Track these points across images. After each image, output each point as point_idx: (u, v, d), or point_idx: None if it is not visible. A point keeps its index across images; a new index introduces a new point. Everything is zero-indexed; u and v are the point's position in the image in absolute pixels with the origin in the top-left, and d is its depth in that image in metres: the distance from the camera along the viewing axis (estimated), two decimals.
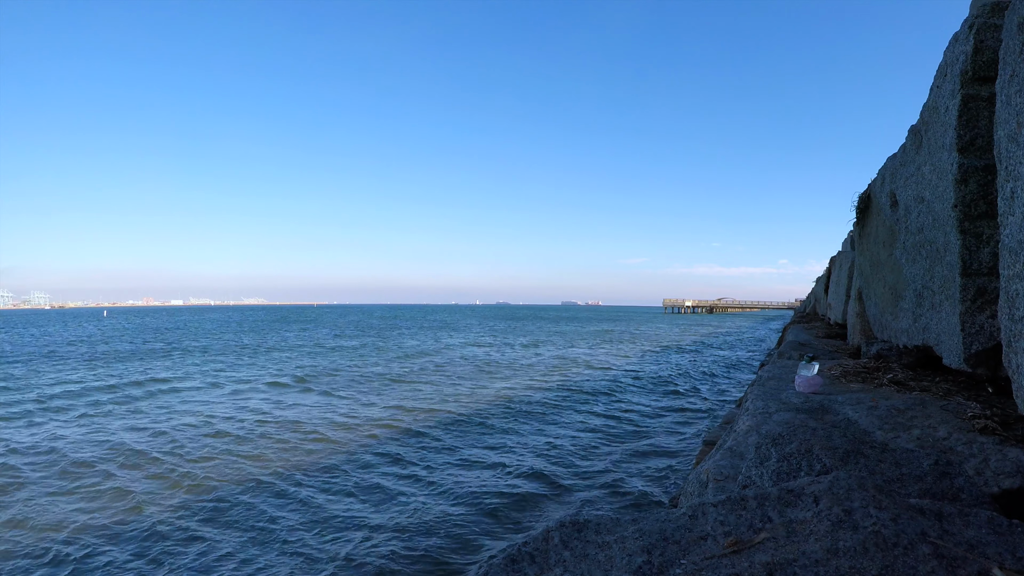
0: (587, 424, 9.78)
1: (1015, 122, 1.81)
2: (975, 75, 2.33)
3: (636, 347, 27.52)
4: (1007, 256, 1.88)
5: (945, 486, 1.42)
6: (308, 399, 12.44)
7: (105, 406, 11.50)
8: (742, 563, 0.97)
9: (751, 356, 22.07)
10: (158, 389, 13.74)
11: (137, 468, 7.28)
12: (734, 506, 1.19)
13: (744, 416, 2.68)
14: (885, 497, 1.13)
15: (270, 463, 7.45)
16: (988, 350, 2.37)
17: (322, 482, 6.66)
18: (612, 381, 15.00)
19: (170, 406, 11.55)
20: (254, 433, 9.13)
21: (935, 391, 2.67)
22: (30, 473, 7.11)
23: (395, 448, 8.14)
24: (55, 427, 9.61)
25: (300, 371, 17.32)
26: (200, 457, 7.74)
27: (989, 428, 1.92)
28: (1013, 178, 1.83)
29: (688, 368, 18.12)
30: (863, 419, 2.18)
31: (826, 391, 2.90)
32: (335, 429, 9.38)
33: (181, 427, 9.55)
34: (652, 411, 10.96)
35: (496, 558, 1.15)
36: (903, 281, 3.54)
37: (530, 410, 11.00)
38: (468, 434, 9.05)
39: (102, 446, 8.30)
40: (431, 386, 14.14)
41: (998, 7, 2.24)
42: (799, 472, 1.60)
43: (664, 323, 61.22)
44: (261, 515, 5.66)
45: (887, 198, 3.92)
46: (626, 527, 1.19)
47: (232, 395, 12.97)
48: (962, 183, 2.41)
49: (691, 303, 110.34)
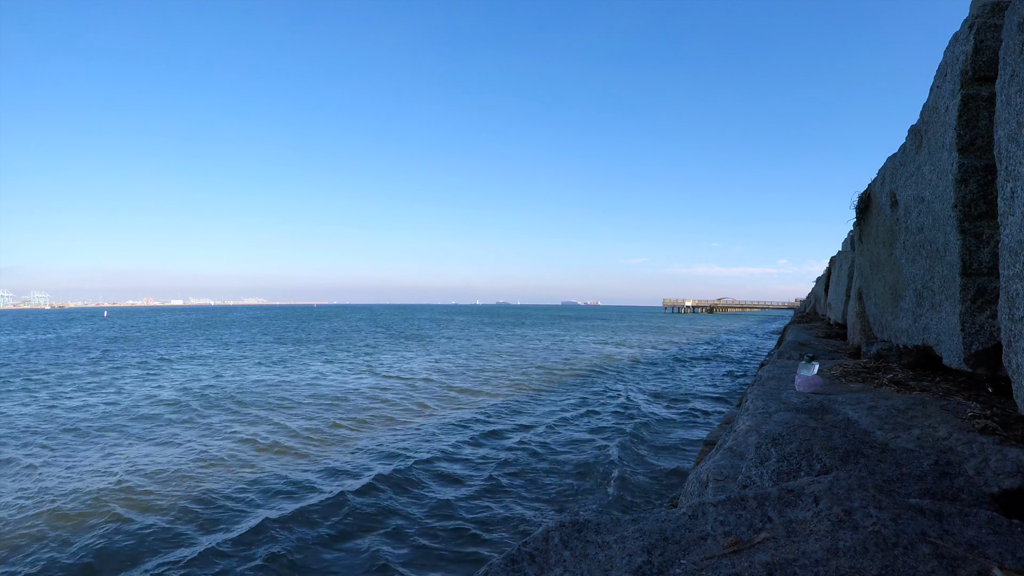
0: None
1: (1015, 122, 1.81)
2: (975, 75, 2.33)
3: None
4: (1007, 256, 1.88)
5: (945, 486, 1.42)
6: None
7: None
8: (742, 563, 0.97)
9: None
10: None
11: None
12: (734, 506, 1.19)
13: (744, 416, 2.68)
14: (885, 497, 1.13)
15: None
16: (988, 350, 2.37)
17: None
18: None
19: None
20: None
21: (935, 391, 2.67)
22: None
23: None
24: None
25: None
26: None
27: (989, 428, 1.92)
28: (1013, 178, 1.83)
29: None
30: (863, 419, 2.18)
31: (826, 391, 2.90)
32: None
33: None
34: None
35: (496, 558, 1.15)
36: (903, 281, 3.54)
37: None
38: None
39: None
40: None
41: (998, 7, 2.24)
42: (799, 472, 1.60)
43: (671, 320, 66.81)
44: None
45: (887, 198, 3.92)
46: (626, 527, 1.19)
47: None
48: (962, 183, 2.41)
49: (691, 303, 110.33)
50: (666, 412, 10.68)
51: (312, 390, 13.50)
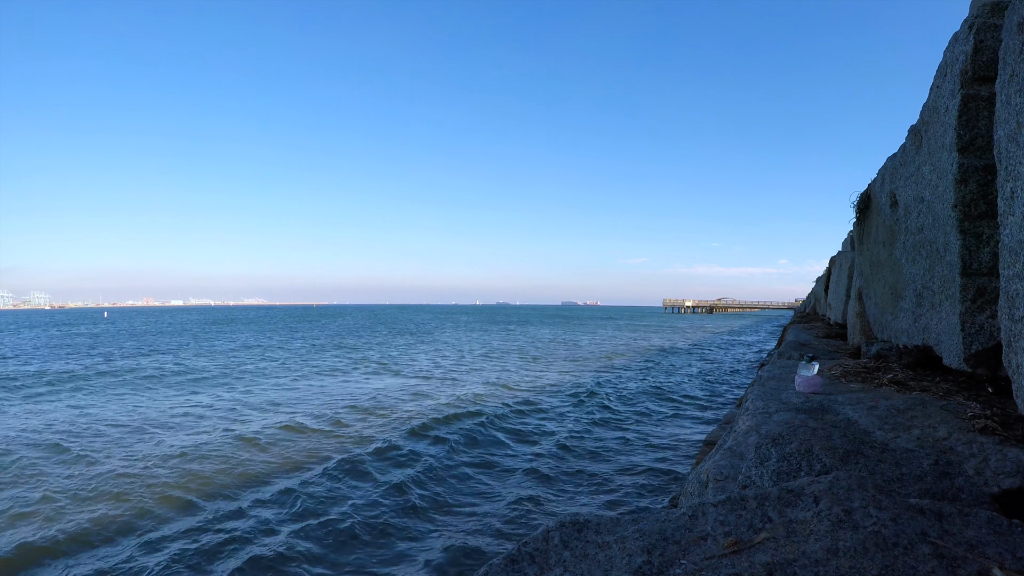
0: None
1: (1015, 122, 1.81)
2: (975, 75, 2.33)
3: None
4: (1007, 256, 1.88)
5: (945, 486, 1.42)
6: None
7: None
8: (742, 563, 0.97)
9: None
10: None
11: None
12: (734, 506, 1.19)
13: (744, 416, 2.68)
14: (885, 497, 1.13)
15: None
16: (988, 350, 2.37)
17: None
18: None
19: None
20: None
21: (935, 391, 2.67)
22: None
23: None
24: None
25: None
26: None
27: (989, 428, 1.92)
28: (1013, 178, 1.83)
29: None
30: (863, 419, 2.18)
31: (826, 391, 2.90)
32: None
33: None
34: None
35: (496, 558, 1.15)
36: (903, 281, 3.54)
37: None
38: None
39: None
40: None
41: (998, 7, 2.24)
42: (799, 472, 1.60)
43: (676, 320, 71.00)
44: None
45: (887, 198, 3.93)
46: (626, 527, 1.19)
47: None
48: (962, 183, 2.41)
49: (691, 303, 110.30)
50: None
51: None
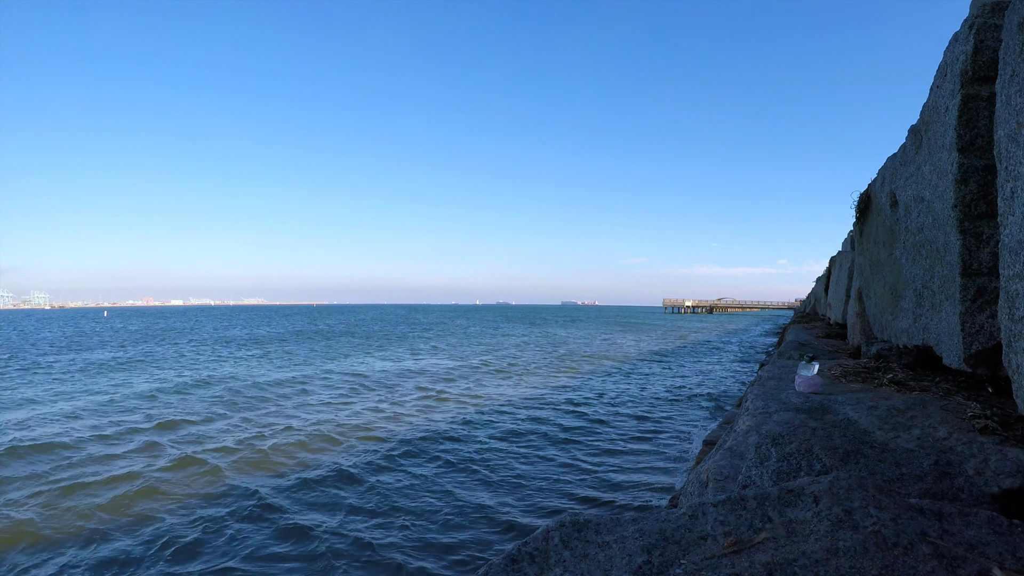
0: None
1: (1015, 122, 1.81)
2: (975, 75, 2.33)
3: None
4: (1007, 256, 1.88)
5: (945, 486, 1.42)
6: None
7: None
8: (742, 563, 0.97)
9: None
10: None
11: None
12: (734, 506, 1.19)
13: (744, 416, 2.68)
14: (885, 497, 1.13)
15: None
16: (988, 350, 2.37)
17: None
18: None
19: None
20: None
21: (935, 391, 2.67)
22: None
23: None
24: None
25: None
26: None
27: (989, 428, 1.92)
28: (1013, 178, 1.83)
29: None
30: (863, 419, 2.18)
31: (826, 391, 2.90)
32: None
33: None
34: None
35: (496, 558, 1.15)
36: (903, 281, 3.54)
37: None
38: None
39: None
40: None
41: (998, 7, 2.24)
42: (799, 472, 1.60)
43: (679, 320, 70.06)
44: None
45: (887, 198, 3.92)
46: (626, 527, 1.19)
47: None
48: (962, 183, 2.41)
49: (691, 303, 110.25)
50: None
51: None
